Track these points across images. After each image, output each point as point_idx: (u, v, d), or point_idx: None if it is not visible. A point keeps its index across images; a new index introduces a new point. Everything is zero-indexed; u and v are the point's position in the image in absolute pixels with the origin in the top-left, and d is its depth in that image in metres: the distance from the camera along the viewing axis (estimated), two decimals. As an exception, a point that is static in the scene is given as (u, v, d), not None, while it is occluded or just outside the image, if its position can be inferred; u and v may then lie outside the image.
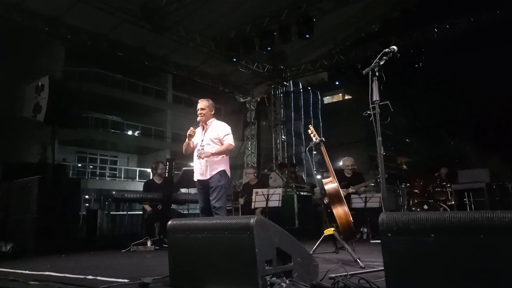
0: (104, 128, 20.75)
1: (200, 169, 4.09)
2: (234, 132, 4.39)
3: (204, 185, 4.10)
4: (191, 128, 4.09)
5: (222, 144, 4.12)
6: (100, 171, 21.65)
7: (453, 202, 6.65)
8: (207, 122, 4.19)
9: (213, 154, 4.02)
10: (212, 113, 4.24)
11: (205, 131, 4.17)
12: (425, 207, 6.36)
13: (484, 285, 1.36)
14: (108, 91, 18.91)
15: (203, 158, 4.04)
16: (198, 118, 4.13)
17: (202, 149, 4.06)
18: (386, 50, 2.77)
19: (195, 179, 4.18)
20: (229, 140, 4.15)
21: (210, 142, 4.10)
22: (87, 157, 21.47)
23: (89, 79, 18.33)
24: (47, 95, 5.17)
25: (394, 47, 2.81)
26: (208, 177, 4.05)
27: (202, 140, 4.11)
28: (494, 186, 6.75)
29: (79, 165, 20.63)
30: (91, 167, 21.03)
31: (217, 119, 4.37)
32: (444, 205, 6.50)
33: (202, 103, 4.18)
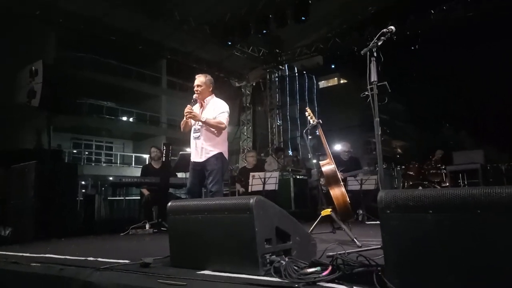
0: (98, 114, 20.60)
1: (195, 150, 3.91)
2: (230, 116, 4.18)
3: (198, 166, 3.91)
4: (188, 106, 3.86)
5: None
6: (96, 157, 21.60)
7: (447, 184, 6.74)
8: (205, 100, 3.97)
9: (202, 122, 3.82)
10: (210, 90, 3.99)
11: (203, 109, 3.96)
12: (420, 188, 6.43)
13: (481, 260, 1.39)
14: (102, 77, 18.68)
15: (189, 119, 3.86)
16: (194, 95, 3.91)
17: (198, 130, 3.90)
18: (384, 30, 2.75)
19: (192, 159, 4.01)
20: (222, 118, 3.88)
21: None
22: (82, 143, 21.37)
23: (83, 65, 18.08)
24: (41, 80, 5.10)
25: (392, 27, 2.80)
26: (203, 159, 3.86)
27: (197, 120, 3.86)
28: (488, 167, 6.84)
29: (75, 151, 20.54)
30: (86, 153, 20.95)
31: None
32: (438, 187, 6.60)
33: (199, 79, 3.94)
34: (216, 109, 3.93)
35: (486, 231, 1.40)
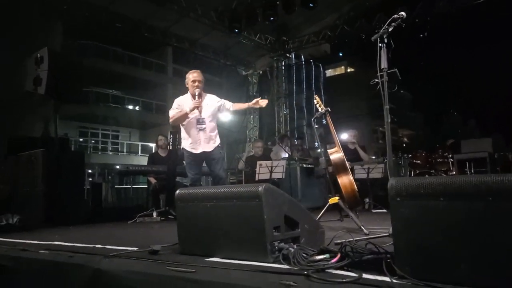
0: (105, 102, 20.66)
1: (204, 141, 4.13)
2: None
3: (202, 157, 4.16)
4: (199, 99, 4.06)
5: (219, 110, 4.30)
6: (102, 145, 21.74)
7: (454, 172, 6.69)
8: (203, 95, 4.21)
9: (246, 108, 4.50)
10: (202, 86, 4.28)
11: (201, 103, 4.16)
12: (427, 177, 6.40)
13: (493, 248, 1.37)
14: (108, 65, 18.70)
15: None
16: (198, 91, 4.10)
17: (203, 121, 4.13)
18: (395, 16, 2.69)
19: (195, 151, 4.16)
20: (228, 103, 4.32)
21: (211, 115, 4.22)
22: (89, 131, 21.51)
23: (89, 53, 18.07)
24: (47, 67, 5.10)
25: (403, 13, 2.73)
26: (211, 148, 4.17)
27: (200, 112, 4.11)
28: (496, 156, 6.77)
29: (81, 140, 20.69)
30: (93, 141, 21.10)
31: (220, 93, 4.52)
32: (445, 176, 6.55)
33: (200, 75, 4.20)
34: (214, 99, 4.28)
35: (498, 219, 1.38)
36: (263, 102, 4.18)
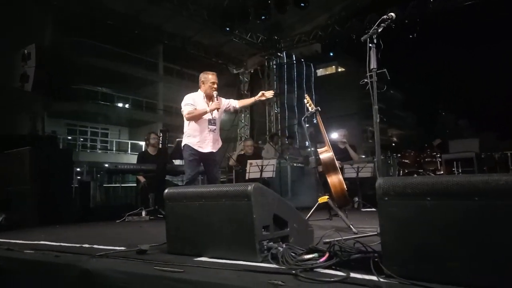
0: (94, 100, 20.42)
1: (212, 141, 4.22)
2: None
3: (205, 156, 4.19)
4: (218, 102, 4.15)
5: (229, 109, 4.50)
6: (91, 143, 21.49)
7: (442, 172, 6.77)
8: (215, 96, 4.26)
9: (243, 104, 4.65)
10: None
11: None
12: (415, 176, 6.47)
13: (479, 246, 1.39)
14: (98, 62, 18.44)
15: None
16: (215, 93, 4.17)
17: (214, 122, 4.22)
18: (385, 16, 2.71)
19: (202, 150, 4.18)
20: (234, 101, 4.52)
21: (220, 117, 4.37)
22: (77, 129, 21.23)
23: (79, 50, 17.83)
24: (34, 64, 5.03)
25: (392, 14, 2.76)
26: (216, 149, 4.27)
27: (212, 113, 4.17)
28: (482, 156, 6.87)
29: (69, 137, 20.41)
30: (81, 139, 20.84)
31: None
32: (433, 175, 6.63)
33: (216, 77, 4.26)
34: (222, 101, 4.38)
35: (483, 218, 1.40)
36: (269, 94, 4.28)
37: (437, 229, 1.48)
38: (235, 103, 4.48)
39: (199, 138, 4.18)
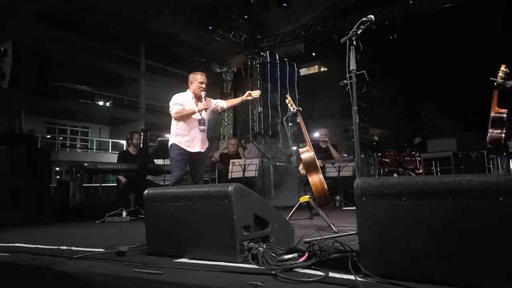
0: (74, 98, 19.98)
1: (201, 141, 4.22)
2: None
3: (193, 156, 4.18)
4: (206, 102, 4.16)
5: (217, 109, 4.51)
6: (71, 142, 21.03)
7: (421, 171, 6.93)
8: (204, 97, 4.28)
9: (231, 103, 4.63)
10: None
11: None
12: (395, 175, 6.61)
13: (452, 245, 1.43)
14: (78, 59, 18.03)
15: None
16: (204, 93, 4.17)
17: (204, 123, 4.23)
18: (364, 19, 2.75)
19: (191, 149, 4.16)
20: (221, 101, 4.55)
21: (208, 117, 4.35)
22: (57, 128, 20.74)
23: (58, 47, 17.39)
24: (10, 61, 4.89)
25: (371, 16, 2.80)
26: (204, 149, 4.28)
27: (201, 113, 4.16)
28: (459, 155, 7.07)
29: (48, 136, 19.91)
30: (61, 138, 20.36)
31: None
32: (412, 174, 6.78)
33: (205, 78, 4.27)
34: (211, 102, 4.38)
35: (457, 217, 1.43)
36: (256, 93, 4.29)
37: (412, 229, 1.52)
38: (223, 103, 4.50)
39: (188, 138, 4.17)
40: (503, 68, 3.58)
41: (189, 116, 4.14)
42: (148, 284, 1.73)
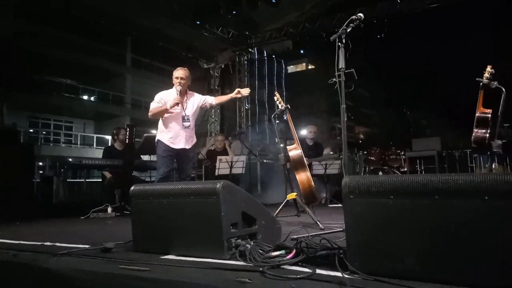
0: (58, 92, 19.57)
1: (185, 138, 4.15)
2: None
3: (178, 153, 4.13)
4: (180, 97, 4.03)
5: (202, 107, 4.35)
6: (54, 137, 20.62)
7: (406, 169, 7.04)
8: (187, 93, 4.21)
9: (220, 100, 4.52)
10: (189, 84, 4.23)
11: (187, 100, 4.20)
12: (380, 173, 6.69)
13: (439, 244, 1.45)
14: (62, 52, 17.66)
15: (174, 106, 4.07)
16: (179, 88, 4.06)
17: (188, 119, 4.14)
18: (353, 17, 2.77)
19: (174, 146, 4.12)
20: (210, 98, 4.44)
21: (194, 113, 4.26)
22: (40, 122, 20.30)
23: (41, 40, 16.99)
24: (-10, 54, 4.77)
25: (361, 14, 2.81)
26: (190, 146, 4.19)
27: (184, 109, 4.12)
28: (443, 154, 7.21)
29: (31, 130, 19.47)
30: (44, 133, 19.94)
31: None
32: (397, 172, 6.87)
33: (183, 72, 4.14)
34: (197, 98, 4.30)
35: (443, 216, 1.46)
36: (245, 91, 4.24)
37: (399, 227, 1.54)
38: (212, 100, 4.42)
39: (172, 134, 4.13)
40: (488, 69, 3.64)
41: (162, 113, 4.08)
42: (134, 282, 1.71)
